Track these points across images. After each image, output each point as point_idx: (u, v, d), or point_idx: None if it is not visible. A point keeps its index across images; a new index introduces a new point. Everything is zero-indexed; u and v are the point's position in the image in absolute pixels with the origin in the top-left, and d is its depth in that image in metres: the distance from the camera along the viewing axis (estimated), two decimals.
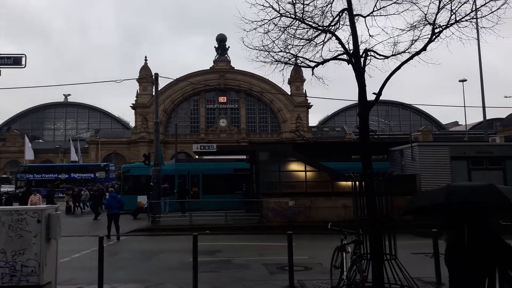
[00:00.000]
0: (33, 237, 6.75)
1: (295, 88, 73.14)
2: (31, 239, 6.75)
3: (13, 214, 6.83)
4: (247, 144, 46.49)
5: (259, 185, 19.69)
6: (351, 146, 25.32)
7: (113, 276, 8.96)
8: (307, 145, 26.40)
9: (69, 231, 16.20)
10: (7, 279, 6.65)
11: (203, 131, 74.09)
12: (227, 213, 19.08)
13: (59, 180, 44.32)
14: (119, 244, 14.71)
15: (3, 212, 6.87)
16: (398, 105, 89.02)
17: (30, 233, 6.76)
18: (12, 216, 6.79)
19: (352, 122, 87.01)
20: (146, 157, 23.56)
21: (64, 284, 8.10)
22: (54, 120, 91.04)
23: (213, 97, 76.44)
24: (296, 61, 8.86)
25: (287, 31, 8.40)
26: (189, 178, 25.64)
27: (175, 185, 24.45)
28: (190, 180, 25.61)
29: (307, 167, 18.88)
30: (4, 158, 74.69)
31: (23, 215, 6.81)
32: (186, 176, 25.53)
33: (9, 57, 7.66)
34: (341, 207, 17.35)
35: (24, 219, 6.79)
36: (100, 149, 70.26)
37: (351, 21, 8.11)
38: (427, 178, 17.39)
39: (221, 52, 78.29)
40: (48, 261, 6.89)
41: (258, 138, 72.28)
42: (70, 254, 11.54)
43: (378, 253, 7.26)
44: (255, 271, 9.98)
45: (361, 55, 8.07)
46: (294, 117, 72.88)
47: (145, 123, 71.66)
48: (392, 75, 8.02)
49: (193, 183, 25.64)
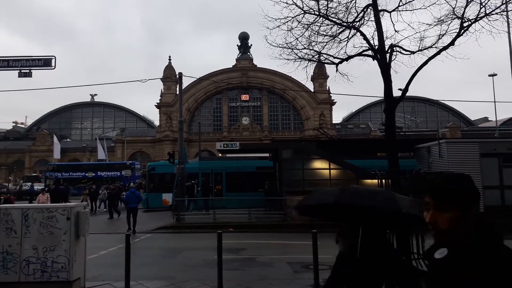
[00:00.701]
0: (63, 234, 6.93)
1: (318, 85, 72.53)
2: (61, 236, 6.93)
3: (44, 211, 7.03)
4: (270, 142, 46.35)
5: (282, 183, 19.62)
6: (376, 143, 24.94)
7: (139, 272, 9.10)
8: (331, 142, 26.13)
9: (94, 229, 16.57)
10: (38, 275, 6.86)
11: (226, 129, 74.46)
12: (250, 211, 19.11)
13: (86, 179, 45.42)
14: (145, 241, 14.95)
15: (34, 210, 7.08)
16: (425, 101, 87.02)
17: (60, 230, 6.94)
18: (43, 214, 7.00)
19: (377, 118, 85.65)
20: (170, 155, 23.86)
21: (92, 280, 8.26)
22: (81, 119, 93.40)
23: (235, 95, 76.70)
24: (319, 58, 8.78)
25: (310, 28, 8.33)
26: (212, 176, 25.80)
27: (199, 183, 24.67)
28: (213, 178, 25.76)
29: (331, 165, 18.69)
30: (34, 157, 77.13)
31: (53, 213, 7.00)
32: (209, 174, 25.71)
33: (39, 59, 7.91)
34: None
35: (55, 216, 6.98)
36: (126, 148, 71.61)
37: (376, 16, 7.97)
38: None
39: (243, 50, 78.44)
40: (77, 257, 7.06)
41: (280, 135, 72.10)
42: (97, 251, 11.79)
43: (406, 252, 7.12)
44: (279, 270, 9.95)
45: (386, 50, 7.93)
46: (317, 114, 72.31)
47: (169, 121, 72.58)
48: (419, 70, 7.84)
49: (217, 181, 25.78)
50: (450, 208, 1.75)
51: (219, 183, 25.76)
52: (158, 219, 21.17)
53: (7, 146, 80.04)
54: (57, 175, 47.07)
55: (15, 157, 77.55)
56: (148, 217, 23.67)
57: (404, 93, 8.07)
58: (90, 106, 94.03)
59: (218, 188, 25.52)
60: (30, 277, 6.84)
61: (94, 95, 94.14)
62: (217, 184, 25.62)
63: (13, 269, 6.85)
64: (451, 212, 1.75)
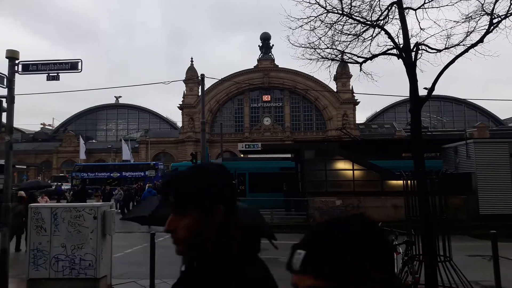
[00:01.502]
0: (90, 233, 7.09)
1: (341, 84, 71.84)
2: (88, 234, 7.09)
3: (72, 210, 7.22)
4: (292, 143, 46.26)
5: (304, 184, 19.52)
6: (401, 143, 24.51)
7: (163, 271, 9.21)
8: (355, 143, 25.82)
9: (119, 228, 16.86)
10: (67, 272, 7.04)
11: (247, 130, 74.66)
12: (272, 212, 19.09)
13: (111, 179, 46.35)
14: (169, 240, 15.08)
15: (63, 209, 7.27)
16: (451, 100, 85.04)
17: (87, 228, 7.11)
18: (71, 213, 7.18)
19: (402, 118, 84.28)
20: (193, 156, 24.10)
21: (118, 278, 8.42)
22: (107, 121, 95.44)
23: (257, 95, 76.83)
24: (342, 57, 8.69)
25: (333, 27, 8.24)
26: (235, 177, 25.84)
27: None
28: (236, 178, 25.81)
29: (355, 166, 18.48)
30: (61, 158, 79.28)
31: (81, 212, 7.18)
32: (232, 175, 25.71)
33: (67, 62, 8.10)
34: (390, 206, 16.84)
35: (82, 215, 7.15)
36: (150, 149, 72.72)
37: (401, 14, 7.82)
38: (484, 176, 16.48)
39: (265, 50, 78.50)
40: (103, 255, 7.22)
41: (302, 136, 71.79)
42: (122, 250, 12.01)
43: (432, 255, 6.97)
44: None
45: (412, 49, 7.77)
46: (340, 114, 71.65)
47: (192, 123, 73.33)
48: (446, 69, 7.65)
49: (240, 182, 25.82)
50: (187, 211, 1.35)
51: (242, 184, 25.76)
52: None
53: (36, 147, 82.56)
54: (83, 175, 48.21)
55: (43, 157, 79.92)
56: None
57: (430, 92, 7.89)
58: (115, 107, 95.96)
59: (242, 188, 25.54)
60: (59, 273, 7.03)
61: (118, 97, 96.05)
62: (240, 185, 25.65)
63: (43, 266, 7.06)
64: (189, 216, 1.34)
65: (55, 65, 8.11)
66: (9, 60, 7.99)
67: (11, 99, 7.93)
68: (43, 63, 8.16)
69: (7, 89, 7.96)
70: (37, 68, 8.15)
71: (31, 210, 7.28)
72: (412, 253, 7.15)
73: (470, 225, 14.97)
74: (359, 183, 18.37)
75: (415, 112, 7.70)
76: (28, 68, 8.13)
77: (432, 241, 7.02)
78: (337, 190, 18.36)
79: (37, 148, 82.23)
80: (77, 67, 8.12)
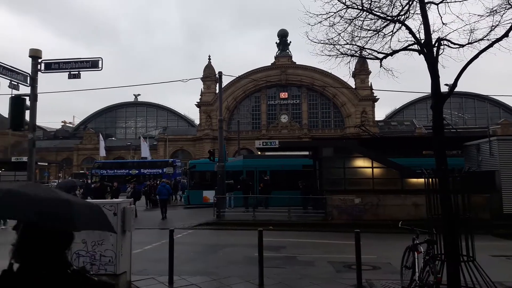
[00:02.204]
0: None
1: (360, 81, 71.01)
2: None
3: None
4: (310, 140, 45.97)
5: (322, 181, 19.37)
6: (421, 141, 24.08)
7: (182, 267, 9.28)
8: (374, 140, 25.44)
9: (137, 224, 17.09)
10: (88, 267, 7.14)
11: (264, 127, 74.60)
12: (290, 210, 19.03)
13: (130, 176, 46.93)
14: (187, 237, 15.24)
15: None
16: (474, 97, 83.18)
17: None
18: None
19: (422, 115, 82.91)
20: (211, 153, 24.22)
21: (137, 274, 8.52)
22: (126, 118, 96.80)
23: (274, 93, 76.66)
24: (362, 53, 8.56)
25: (353, 23, 8.12)
26: (256, 174, 25.69)
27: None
28: (258, 176, 25.70)
29: (374, 163, 18.23)
30: (82, 155, 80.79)
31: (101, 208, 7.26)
32: (254, 172, 25.66)
33: (87, 61, 8.21)
34: (411, 205, 16.59)
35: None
36: (168, 146, 73.42)
37: (422, 9, 7.65)
38: (508, 175, 16.08)
39: (282, 47, 78.22)
40: (123, 251, 7.29)
41: (320, 133, 71.33)
42: (142, 246, 12.14)
43: (454, 254, 6.82)
44: (320, 269, 9.84)
45: (433, 44, 7.60)
46: (359, 111, 70.89)
47: (209, 120, 73.70)
48: (469, 64, 7.46)
49: (261, 179, 25.59)
50: None
51: (264, 181, 25.58)
52: (199, 215, 21.53)
53: (57, 144, 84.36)
54: (102, 172, 48.97)
55: (64, 155, 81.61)
56: (189, 213, 24.17)
57: (452, 89, 7.70)
58: (134, 105, 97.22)
59: (262, 186, 25.38)
60: None
61: (137, 95, 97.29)
62: (261, 182, 25.52)
63: None
64: None
65: (76, 64, 8.24)
66: (32, 59, 8.14)
67: (34, 97, 8.08)
68: (65, 62, 8.29)
69: (30, 87, 8.12)
70: (59, 66, 8.28)
71: None
72: (433, 253, 7.01)
73: (493, 224, 14.64)
74: (379, 181, 18.12)
75: (436, 108, 7.53)
76: (51, 67, 8.28)
77: (454, 241, 6.87)
78: (356, 188, 18.16)
79: (58, 145, 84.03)
80: (98, 65, 8.22)
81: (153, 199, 26.65)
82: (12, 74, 7.91)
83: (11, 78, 7.89)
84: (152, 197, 27.01)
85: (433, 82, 7.56)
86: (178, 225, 17.35)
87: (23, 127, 8.06)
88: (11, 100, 7.92)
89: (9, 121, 8.00)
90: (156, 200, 25.14)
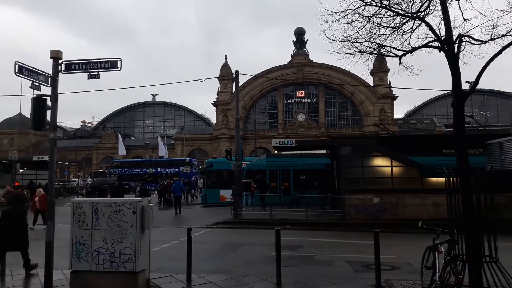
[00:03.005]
0: (129, 227, 7.26)
1: (378, 79, 70.20)
2: (128, 228, 7.26)
3: (112, 205, 7.41)
4: (328, 139, 45.66)
5: (340, 181, 19.21)
6: (442, 139, 23.62)
7: (199, 266, 9.34)
8: (393, 139, 25.04)
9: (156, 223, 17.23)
10: (107, 265, 7.24)
11: (281, 126, 74.47)
12: (307, 209, 18.94)
13: (147, 174, 47.46)
14: (204, 235, 15.33)
15: (103, 204, 7.49)
16: (496, 94, 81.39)
17: (127, 223, 7.28)
18: (111, 208, 7.38)
19: (442, 113, 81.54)
20: (228, 152, 24.33)
21: (155, 272, 8.60)
22: (144, 118, 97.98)
23: (291, 91, 76.45)
24: (381, 50, 8.45)
25: (372, 20, 8.02)
26: (280, 173, 25.57)
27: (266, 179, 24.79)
28: (281, 175, 25.51)
29: (393, 162, 17.98)
30: (101, 154, 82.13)
31: (120, 207, 7.36)
32: (276, 171, 25.53)
33: (107, 61, 8.32)
34: (430, 204, 16.32)
35: (121, 210, 7.33)
36: (185, 145, 74.03)
37: (442, 5, 7.50)
38: None
39: (299, 46, 77.94)
40: (142, 249, 7.37)
41: (338, 132, 70.81)
42: (160, 244, 12.26)
43: (476, 255, 6.68)
44: (338, 269, 9.76)
45: (454, 41, 7.44)
46: (377, 110, 70.10)
47: (226, 119, 73.97)
48: (492, 61, 7.28)
49: (284, 178, 25.39)
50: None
51: (287, 180, 25.28)
52: (216, 214, 21.64)
53: (76, 144, 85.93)
54: (120, 171, 49.66)
55: (83, 154, 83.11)
56: (207, 212, 24.30)
57: (474, 86, 7.54)
58: (152, 105, 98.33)
59: (286, 185, 25.13)
60: (100, 266, 7.25)
61: (155, 95, 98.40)
62: (284, 181, 25.35)
63: (85, 259, 7.30)
64: None
65: (95, 64, 8.35)
66: (53, 60, 8.29)
67: (55, 98, 8.23)
68: (85, 62, 8.41)
69: (51, 88, 8.27)
70: (79, 67, 8.41)
71: (74, 205, 7.54)
72: (455, 253, 6.87)
73: None
74: (398, 180, 17.87)
75: (458, 106, 7.38)
76: (71, 68, 8.41)
77: (476, 241, 6.73)
78: (374, 187, 17.95)
79: (77, 144, 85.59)
80: (117, 66, 8.32)
81: (168, 198, 26.84)
82: (34, 75, 8.07)
83: (33, 79, 8.06)
84: (167, 197, 27.24)
85: (454, 79, 7.41)
86: (195, 224, 17.46)
87: (45, 127, 8.20)
88: (33, 101, 8.09)
89: (31, 121, 8.18)
90: (171, 200, 25.39)
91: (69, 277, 7.57)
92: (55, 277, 8.00)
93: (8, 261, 9.17)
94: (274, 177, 25.32)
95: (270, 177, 25.15)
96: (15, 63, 7.76)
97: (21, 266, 9.03)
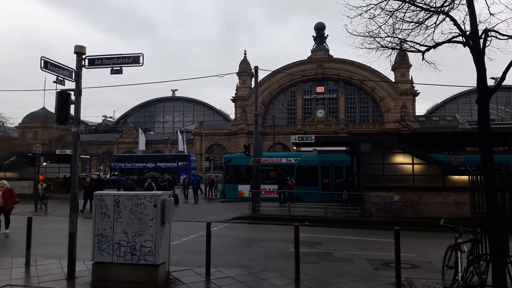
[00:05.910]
0: (150, 220, 7.37)
1: (400, 74, 69.00)
2: (148, 222, 7.37)
3: (133, 198, 7.54)
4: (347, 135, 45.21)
5: (360, 178, 19.01)
6: (465, 136, 23.08)
7: (218, 260, 9.41)
8: (415, 135, 24.56)
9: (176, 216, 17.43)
10: (128, 257, 7.38)
11: (299, 122, 74.12)
12: (326, 206, 18.84)
13: (146, 169, 47.90)
14: (223, 230, 15.43)
15: (125, 197, 7.61)
16: None
17: (148, 216, 7.39)
18: (132, 201, 7.50)
19: (465, 110, 79.76)
20: (246, 148, 24.34)
21: (175, 265, 8.71)
22: (163, 113, 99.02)
23: (310, 87, 75.93)
24: (403, 46, 8.31)
25: (394, 15, 7.88)
26: (332, 170, 25.70)
27: (318, 176, 25.20)
28: (333, 171, 25.65)
29: (415, 160, 17.68)
30: (121, 149, 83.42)
31: (141, 200, 7.47)
32: (328, 168, 25.73)
33: (129, 56, 8.43)
34: (452, 203, 16.02)
35: (143, 203, 7.45)
36: (204, 140, 74.54)
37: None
38: None
39: (319, 41, 77.30)
40: (162, 242, 7.48)
41: (358, 129, 70.05)
42: (179, 238, 12.41)
43: (501, 255, 6.53)
44: (357, 266, 9.69)
45: (480, 36, 7.26)
46: (398, 106, 69.02)
47: (244, 115, 74.05)
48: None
49: (336, 175, 25.42)
50: None
51: (339, 177, 25.24)
52: (234, 209, 21.73)
53: (98, 138, 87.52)
54: (121, 165, 50.31)
55: (104, 148, 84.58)
56: (225, 207, 24.43)
57: (500, 82, 7.35)
58: (171, 100, 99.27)
59: (338, 181, 24.90)
60: (121, 258, 7.39)
61: (175, 90, 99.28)
62: (337, 178, 25.26)
63: (107, 251, 7.45)
64: None
65: (118, 59, 8.47)
66: (77, 55, 8.45)
67: (78, 92, 8.39)
68: (107, 58, 8.54)
69: (75, 82, 8.43)
70: (101, 62, 8.55)
71: (96, 197, 7.69)
72: (478, 252, 6.73)
73: None
74: (419, 178, 17.57)
75: (483, 102, 7.20)
76: (94, 63, 8.56)
77: (500, 241, 6.58)
78: (395, 184, 17.70)
79: (99, 139, 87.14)
80: (139, 61, 8.43)
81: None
82: (58, 70, 8.24)
83: (58, 74, 8.23)
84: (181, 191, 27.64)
85: (479, 75, 7.24)
86: (213, 218, 17.58)
87: (68, 120, 8.38)
88: (57, 95, 8.26)
89: (55, 115, 8.36)
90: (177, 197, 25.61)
91: (91, 268, 7.75)
92: (77, 268, 8.18)
93: (34, 251, 9.43)
94: (326, 173, 25.47)
95: (322, 173, 25.35)
96: (41, 58, 7.93)
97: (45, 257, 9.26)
